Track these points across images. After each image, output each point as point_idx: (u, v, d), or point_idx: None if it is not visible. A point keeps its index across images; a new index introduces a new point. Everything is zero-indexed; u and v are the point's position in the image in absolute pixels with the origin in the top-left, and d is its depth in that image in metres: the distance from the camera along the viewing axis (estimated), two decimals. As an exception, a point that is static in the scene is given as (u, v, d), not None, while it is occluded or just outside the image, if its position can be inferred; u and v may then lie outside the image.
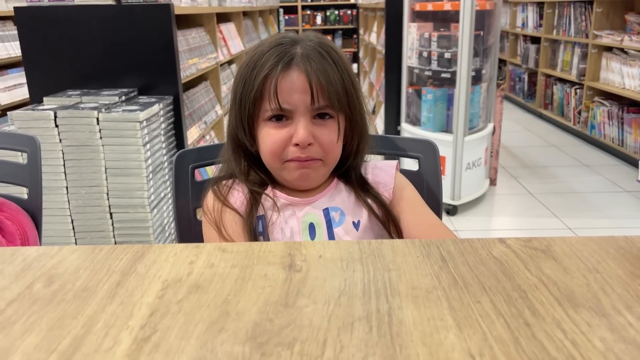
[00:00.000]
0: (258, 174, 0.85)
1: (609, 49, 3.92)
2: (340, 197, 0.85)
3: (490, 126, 3.02)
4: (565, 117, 4.57)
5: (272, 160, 0.80)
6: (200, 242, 0.75)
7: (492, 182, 3.22)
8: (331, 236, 0.83)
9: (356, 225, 0.84)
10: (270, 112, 0.77)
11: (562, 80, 4.68)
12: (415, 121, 3.06)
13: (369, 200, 0.84)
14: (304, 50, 0.78)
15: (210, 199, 0.84)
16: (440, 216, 0.90)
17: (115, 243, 1.88)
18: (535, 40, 5.23)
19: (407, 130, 3.06)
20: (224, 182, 0.86)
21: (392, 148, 0.93)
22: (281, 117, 0.78)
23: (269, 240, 0.80)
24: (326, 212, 0.83)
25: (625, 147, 3.63)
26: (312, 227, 0.83)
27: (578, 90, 4.33)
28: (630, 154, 3.53)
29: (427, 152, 0.90)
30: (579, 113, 4.28)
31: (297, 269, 0.50)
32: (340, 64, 0.79)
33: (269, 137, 0.79)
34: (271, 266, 0.50)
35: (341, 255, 0.52)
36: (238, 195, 0.84)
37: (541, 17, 5.05)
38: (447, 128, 2.88)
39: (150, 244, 1.85)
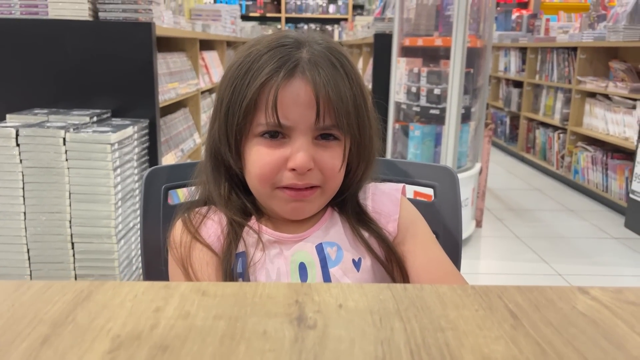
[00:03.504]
0: (241, 199, 0.70)
1: (592, 94, 3.92)
2: (335, 229, 0.71)
3: (477, 166, 2.94)
4: (548, 161, 4.54)
5: (261, 185, 0.66)
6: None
7: (478, 223, 3.12)
8: (327, 277, 0.68)
9: (357, 264, 0.69)
10: (265, 127, 0.63)
11: (545, 125, 4.67)
12: (401, 158, 2.97)
13: (367, 235, 0.70)
14: (311, 55, 0.64)
15: (178, 230, 0.69)
16: (459, 260, 0.76)
17: (76, 276, 1.70)
18: (518, 84, 5.25)
19: (393, 167, 2.96)
20: (197, 209, 0.71)
21: (402, 174, 0.80)
22: (276, 133, 0.64)
23: None
24: (320, 248, 0.69)
25: (610, 193, 3.58)
26: (302, 268, 0.68)
27: (561, 135, 4.31)
28: (615, 200, 3.47)
29: (445, 181, 0.77)
30: (562, 157, 4.25)
31: (310, 325, 0.34)
32: (353, 76, 0.66)
33: (260, 158, 0.64)
34: (272, 319, 0.35)
35: (370, 305, 0.36)
36: (212, 227, 0.69)
37: (524, 62, 5.08)
38: (434, 166, 2.78)
39: (115, 278, 1.67)
